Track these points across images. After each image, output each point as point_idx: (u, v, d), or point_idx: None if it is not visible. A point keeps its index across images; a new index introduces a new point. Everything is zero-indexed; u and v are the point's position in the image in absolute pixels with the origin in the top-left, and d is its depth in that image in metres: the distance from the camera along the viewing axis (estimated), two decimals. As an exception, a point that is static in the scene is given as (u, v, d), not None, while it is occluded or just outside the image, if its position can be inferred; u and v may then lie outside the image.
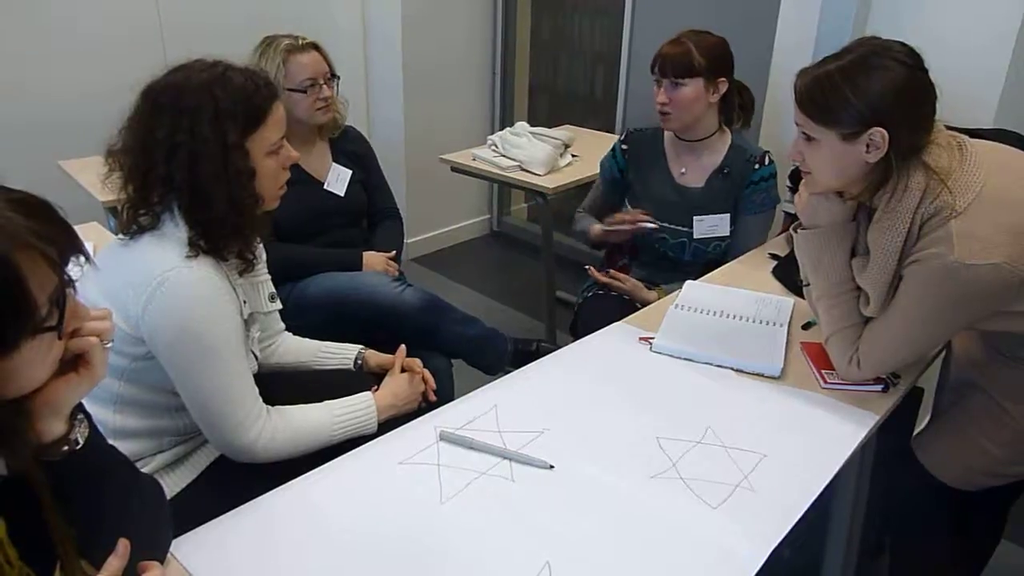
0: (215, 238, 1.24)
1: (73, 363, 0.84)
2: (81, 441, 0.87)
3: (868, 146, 1.28)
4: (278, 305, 1.45)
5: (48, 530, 0.86)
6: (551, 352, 1.60)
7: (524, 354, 2.11)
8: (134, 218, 1.27)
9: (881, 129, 1.25)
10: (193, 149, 1.19)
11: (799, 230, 1.46)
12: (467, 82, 3.93)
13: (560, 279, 3.01)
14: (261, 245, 1.45)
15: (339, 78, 2.11)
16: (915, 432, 1.86)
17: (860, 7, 2.19)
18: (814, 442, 1.29)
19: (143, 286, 1.21)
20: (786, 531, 1.09)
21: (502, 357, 2.10)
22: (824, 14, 2.26)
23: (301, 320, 1.72)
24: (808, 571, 1.72)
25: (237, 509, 1.11)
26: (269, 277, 1.43)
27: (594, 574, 1.00)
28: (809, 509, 1.14)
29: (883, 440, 1.53)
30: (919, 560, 1.63)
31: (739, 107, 2.07)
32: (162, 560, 0.98)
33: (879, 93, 1.25)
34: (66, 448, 0.85)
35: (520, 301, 3.51)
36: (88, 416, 0.90)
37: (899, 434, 1.76)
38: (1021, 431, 1.41)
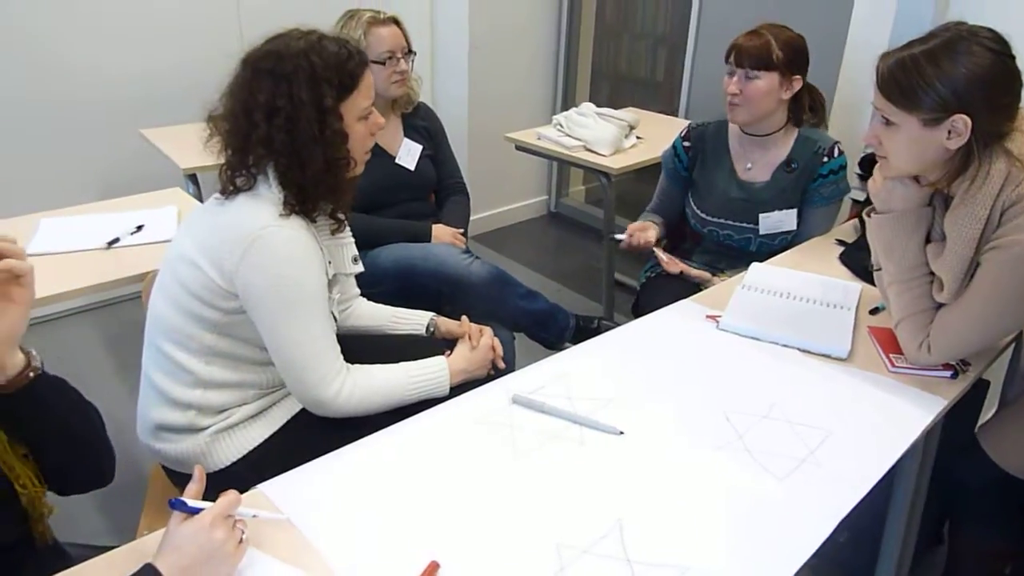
0: (309, 198, 1.31)
1: (7, 293, 0.89)
2: (40, 365, 0.94)
3: (950, 132, 1.27)
4: (360, 267, 1.51)
5: None
6: (611, 329, 1.63)
7: (585, 331, 2.15)
8: (231, 179, 1.34)
9: (964, 116, 1.25)
10: (292, 112, 1.26)
11: (872, 215, 1.46)
12: (531, 63, 3.96)
13: (617, 261, 3.03)
14: None
15: (415, 54, 2.16)
16: (980, 423, 1.85)
17: (938, 3, 2.16)
18: (880, 423, 1.30)
19: (238, 242, 1.28)
20: (851, 507, 1.11)
21: (564, 332, 2.15)
22: (900, 10, 2.22)
23: (372, 288, 1.78)
24: (865, 557, 1.73)
25: (323, 457, 1.17)
26: (353, 240, 1.49)
27: (664, 536, 1.04)
28: (871, 491, 1.16)
29: (947, 429, 1.53)
30: (977, 550, 1.63)
31: (808, 108, 2.05)
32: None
33: (964, 79, 1.24)
34: (31, 375, 0.93)
35: (576, 282, 3.54)
36: None
37: (963, 424, 1.76)
38: (1092, 424, 1.40)
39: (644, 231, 2.07)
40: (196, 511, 0.89)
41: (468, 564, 0.98)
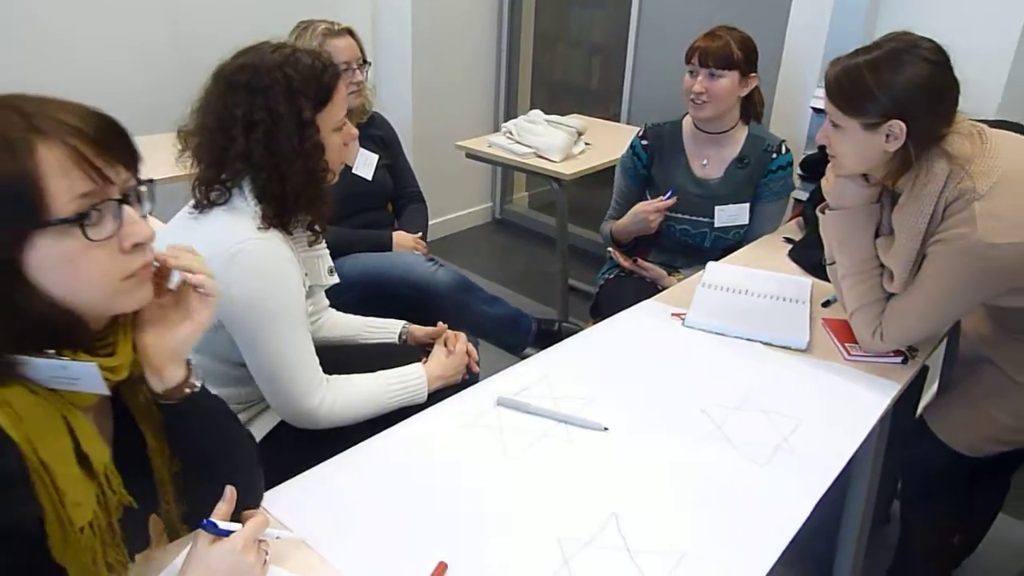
0: (288, 211, 1.31)
1: (183, 310, 0.90)
2: (198, 385, 0.94)
3: (888, 136, 1.37)
4: (336, 279, 1.52)
5: (151, 467, 0.93)
6: (574, 332, 1.68)
7: (548, 334, 2.19)
8: (206, 194, 1.32)
9: (899, 121, 1.34)
10: (270, 125, 1.25)
11: (826, 211, 1.55)
12: (473, 71, 3.99)
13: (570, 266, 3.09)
14: None
15: (370, 64, 2.17)
16: (920, 406, 1.97)
17: (870, 5, 2.29)
18: (843, 408, 1.39)
19: (217, 257, 1.25)
20: (826, 487, 1.19)
21: (527, 337, 2.19)
22: (836, 12, 2.35)
23: (337, 299, 1.78)
24: (824, 542, 1.82)
25: (317, 467, 1.18)
26: (328, 251, 1.50)
27: (659, 525, 1.08)
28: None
29: (893, 413, 1.63)
30: (929, 524, 1.74)
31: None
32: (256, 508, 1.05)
33: (902, 88, 1.33)
34: (187, 391, 0.92)
35: (527, 287, 3.59)
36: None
37: (907, 408, 1.88)
38: (1028, 401, 1.52)
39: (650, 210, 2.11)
40: (226, 533, 0.89)
41: (475, 563, 1.00)
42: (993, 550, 1.96)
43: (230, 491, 0.94)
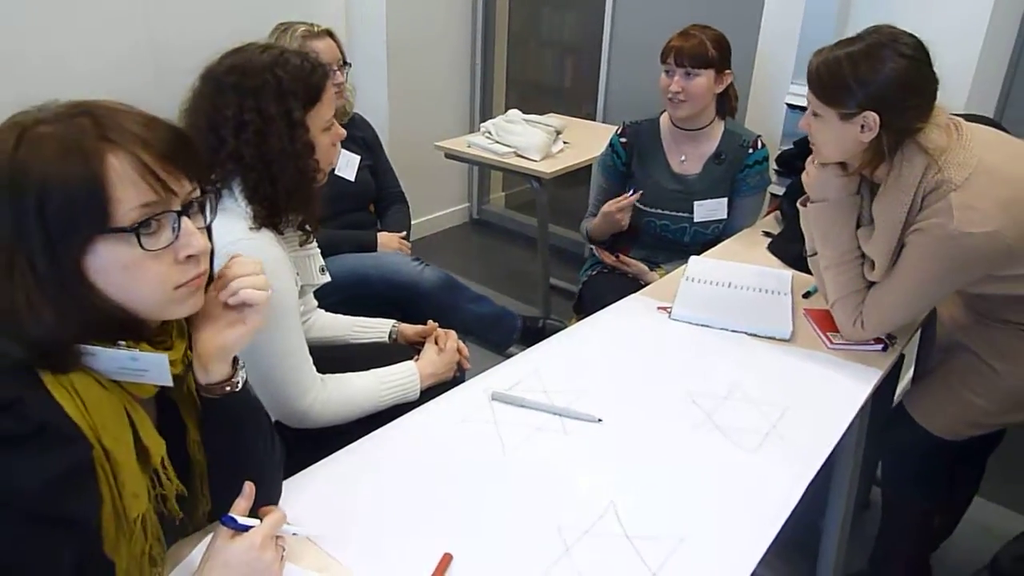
0: (279, 211, 1.31)
1: (238, 312, 0.93)
2: (240, 384, 0.96)
3: (862, 127, 1.41)
4: (327, 277, 1.52)
5: (185, 458, 0.95)
6: (559, 329, 1.70)
7: (532, 331, 2.21)
8: (195, 195, 1.32)
9: (874, 113, 1.39)
10: (261, 126, 1.26)
11: (808, 204, 1.59)
12: (448, 72, 4.00)
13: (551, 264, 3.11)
14: None
15: (351, 65, 2.18)
16: (896, 393, 2.03)
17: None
18: (828, 395, 1.43)
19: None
20: (816, 471, 1.22)
21: (512, 334, 2.20)
22: (808, 8, 2.40)
23: (323, 300, 1.78)
24: (806, 529, 1.86)
25: (309, 468, 1.18)
26: (319, 251, 1.50)
27: (656, 512, 1.11)
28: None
29: (872, 400, 1.68)
30: (911, 508, 1.78)
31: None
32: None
33: (879, 82, 1.38)
34: (228, 388, 0.94)
35: (507, 287, 3.60)
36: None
37: (883, 395, 1.92)
38: (1002, 384, 1.56)
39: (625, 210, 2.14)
40: (246, 528, 0.89)
41: (478, 553, 1.02)
42: (969, 532, 2.01)
43: (249, 487, 0.96)
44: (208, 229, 0.90)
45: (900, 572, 1.83)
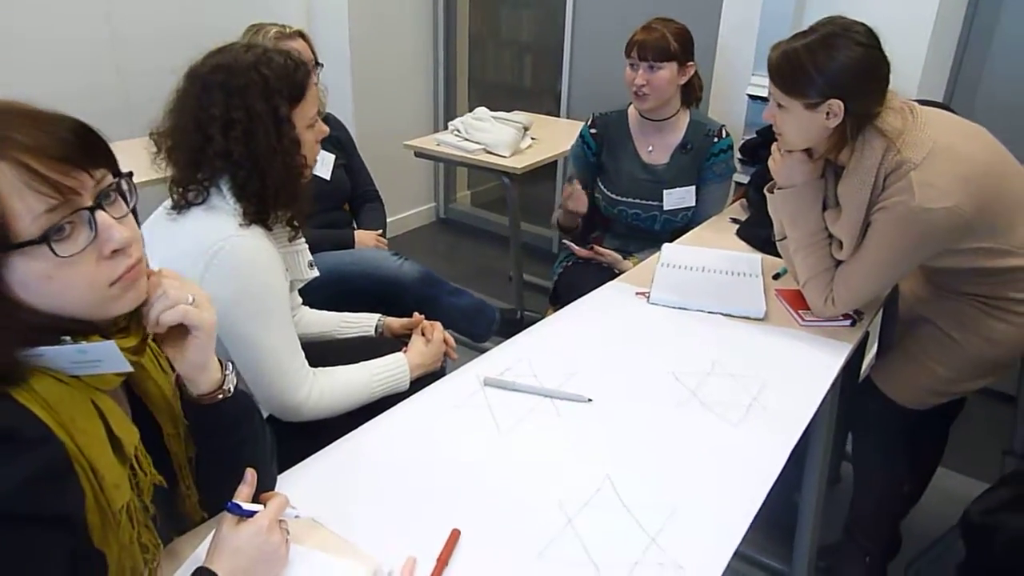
0: (268, 207, 1.33)
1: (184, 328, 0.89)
2: (232, 389, 0.97)
3: (828, 114, 1.48)
4: (316, 272, 1.54)
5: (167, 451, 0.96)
6: (536, 320, 1.74)
7: (511, 323, 2.25)
8: (183, 194, 1.34)
9: (838, 100, 1.46)
10: (248, 124, 1.28)
11: (775, 190, 1.66)
12: (411, 72, 4.02)
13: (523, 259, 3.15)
14: None
15: (323, 66, 2.19)
16: (862, 368, 2.11)
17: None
18: (803, 368, 1.50)
19: (200, 255, 1.28)
20: (796, 440, 1.28)
21: (491, 326, 2.24)
22: (765, 12, 2.49)
23: (306, 298, 1.80)
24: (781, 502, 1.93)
25: (311, 457, 1.20)
26: (307, 246, 1.52)
27: (649, 484, 1.16)
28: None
29: (841, 373, 1.76)
30: (882, 477, 1.86)
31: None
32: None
33: (837, 70, 1.45)
34: (220, 396, 0.95)
35: (478, 284, 3.61)
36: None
37: (850, 371, 2.01)
38: (963, 353, 1.65)
39: (572, 197, 2.19)
40: (251, 514, 0.91)
41: (485, 528, 1.06)
42: (935, 499, 2.11)
43: (251, 474, 0.97)
44: (133, 212, 0.83)
45: (873, 539, 1.91)
